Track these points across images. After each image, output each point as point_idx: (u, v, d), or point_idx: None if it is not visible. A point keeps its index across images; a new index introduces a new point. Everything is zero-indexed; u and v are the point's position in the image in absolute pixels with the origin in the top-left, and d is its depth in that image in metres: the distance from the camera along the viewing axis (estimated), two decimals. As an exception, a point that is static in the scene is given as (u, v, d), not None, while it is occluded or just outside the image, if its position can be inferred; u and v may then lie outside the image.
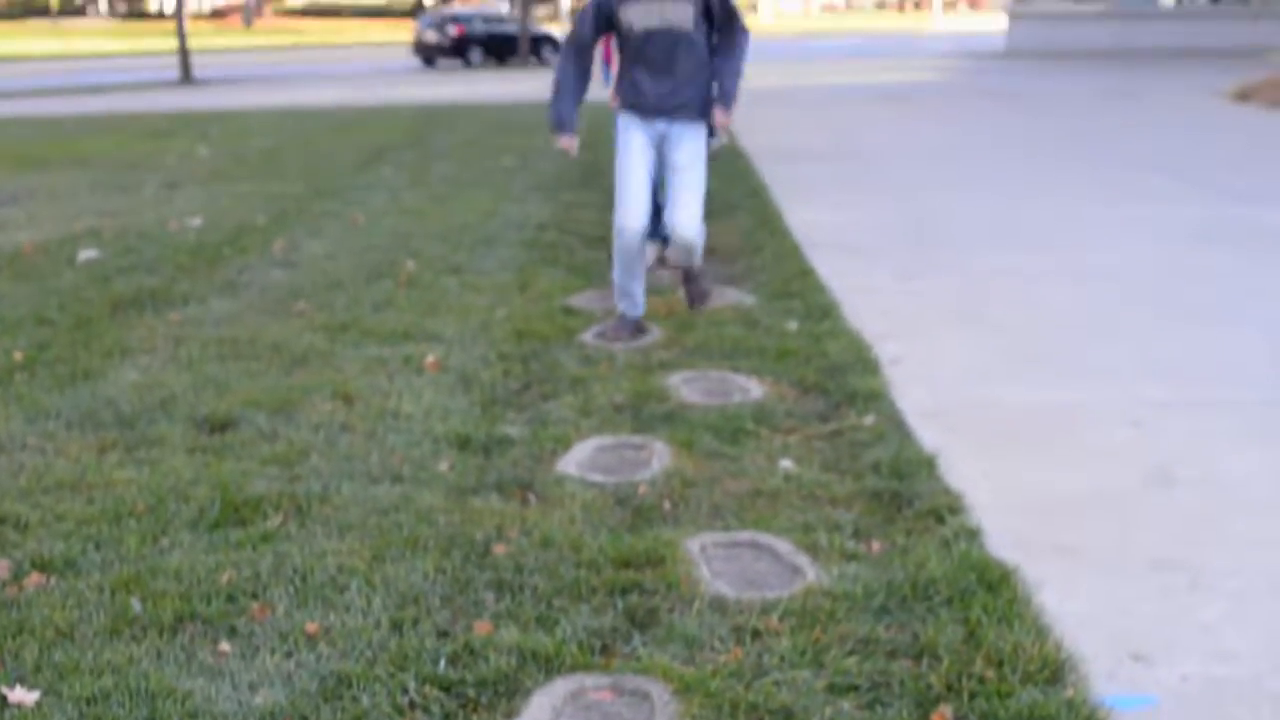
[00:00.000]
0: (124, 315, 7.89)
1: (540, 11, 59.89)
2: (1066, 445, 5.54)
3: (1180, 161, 14.31)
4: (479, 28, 42.65)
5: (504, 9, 48.74)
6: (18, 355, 6.97)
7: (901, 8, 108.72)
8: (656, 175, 7.57)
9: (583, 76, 7.13)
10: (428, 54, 42.89)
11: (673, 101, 7.11)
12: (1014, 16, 40.71)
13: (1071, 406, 6.02)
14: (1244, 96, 21.40)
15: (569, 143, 7.19)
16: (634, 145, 7.20)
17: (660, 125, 7.17)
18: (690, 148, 7.17)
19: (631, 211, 7.18)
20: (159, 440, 5.64)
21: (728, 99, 7.14)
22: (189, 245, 10.01)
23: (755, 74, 6.24)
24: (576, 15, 7.20)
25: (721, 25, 7.14)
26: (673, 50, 7.03)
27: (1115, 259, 9.13)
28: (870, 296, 8.12)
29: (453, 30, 42.42)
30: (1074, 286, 8.38)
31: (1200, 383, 6.37)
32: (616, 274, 7.36)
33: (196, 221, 11.12)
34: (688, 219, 7.19)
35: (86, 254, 9.68)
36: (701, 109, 7.18)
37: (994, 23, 55.84)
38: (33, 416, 5.99)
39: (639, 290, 7.37)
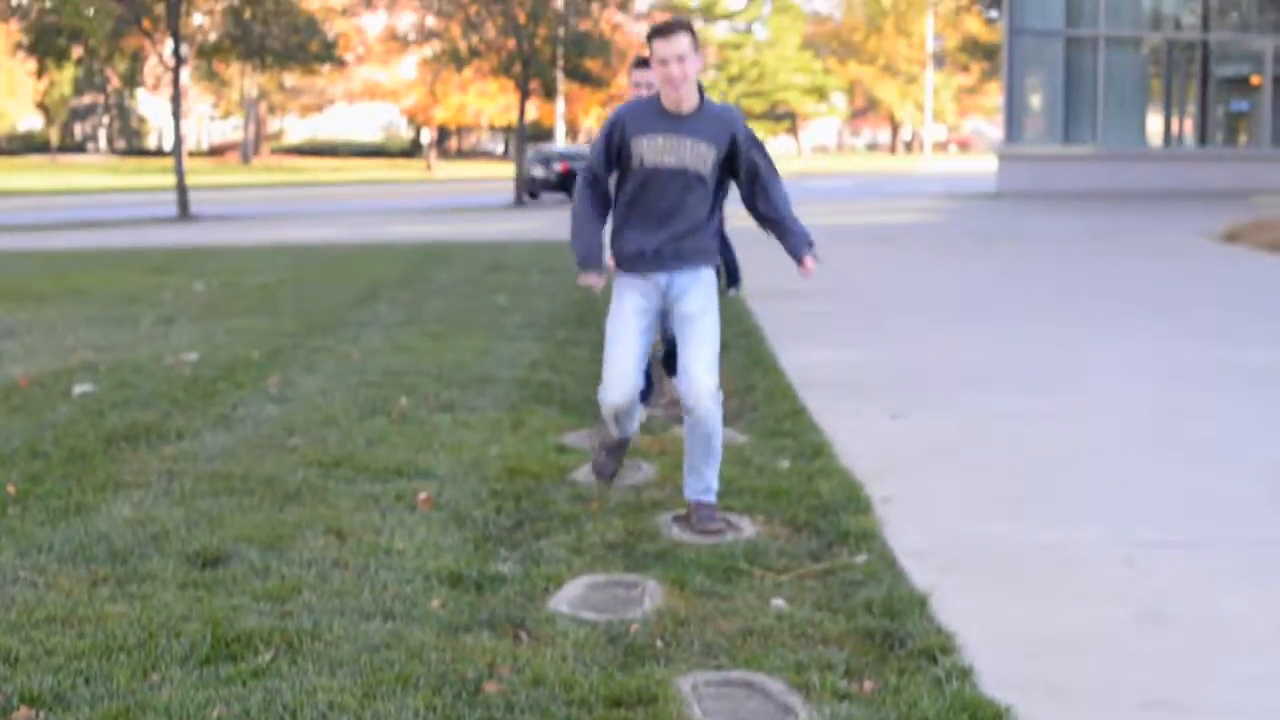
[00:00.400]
0: (118, 449, 7.90)
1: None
2: (1059, 584, 5.55)
3: (1173, 302, 14.43)
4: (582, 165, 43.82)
5: (498, 149, 49.45)
6: (11, 488, 6.97)
7: (893, 149, 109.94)
8: (654, 339, 6.79)
9: (603, 203, 6.48)
10: (533, 188, 44.20)
11: (674, 250, 6.31)
12: (1003, 158, 41.15)
13: (1064, 545, 6.03)
14: (1232, 238, 21.61)
15: (596, 280, 6.43)
16: (628, 309, 6.40)
17: (661, 279, 6.37)
18: (698, 295, 6.37)
19: (618, 386, 6.39)
20: (151, 575, 5.64)
21: (807, 245, 6.45)
22: (184, 380, 10.04)
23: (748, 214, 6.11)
24: (591, 145, 6.55)
25: (752, 175, 6.36)
26: (681, 195, 6.26)
27: (1110, 398, 9.18)
28: (863, 435, 8.15)
29: (558, 166, 43.66)
30: (1067, 425, 8.41)
31: (1194, 521, 6.40)
32: (607, 423, 6.67)
33: (192, 356, 11.16)
34: (701, 373, 6.27)
35: (81, 388, 9.71)
36: (708, 255, 6.46)
37: (984, 164, 56.44)
38: (25, 550, 5.98)
39: (633, 427, 6.74)
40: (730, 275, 14.72)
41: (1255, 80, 41.96)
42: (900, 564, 5.73)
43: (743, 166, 6.34)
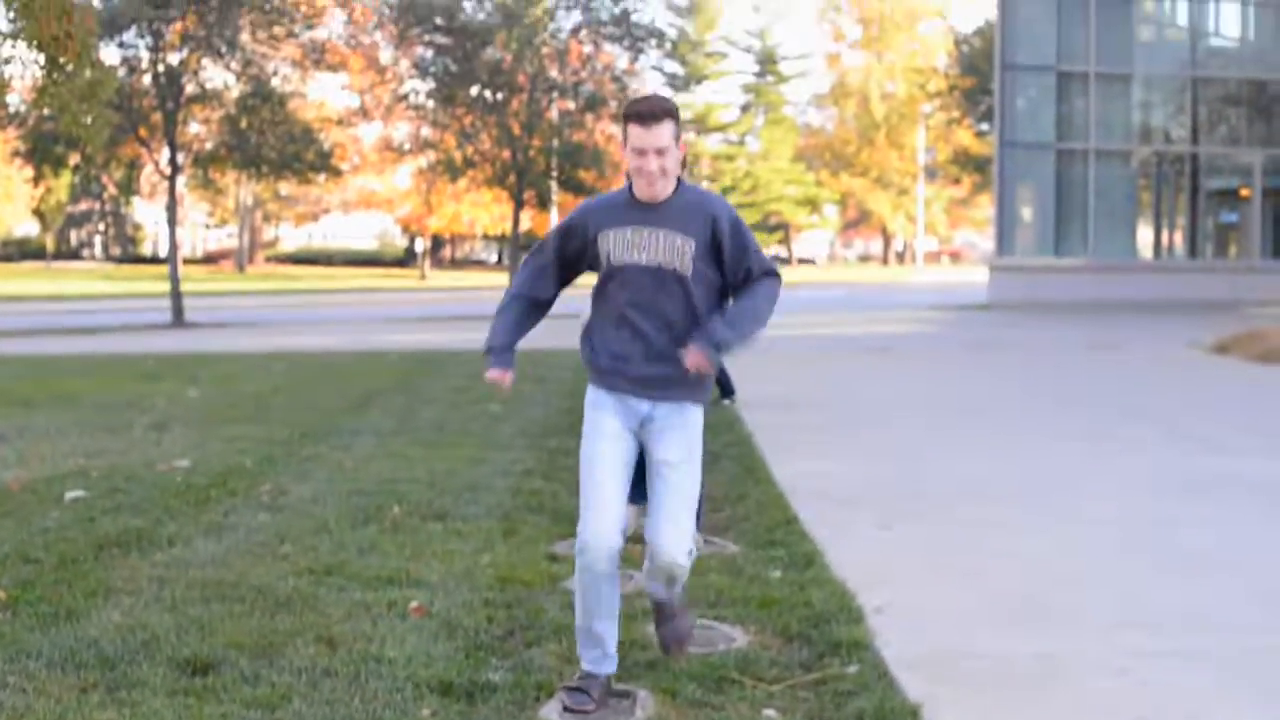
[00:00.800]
0: (109, 556, 7.88)
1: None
2: (1052, 694, 5.53)
3: (1167, 413, 14.49)
4: None
5: (491, 258, 49.53)
6: (1, 593, 6.95)
7: (885, 261, 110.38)
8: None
9: (536, 307, 5.67)
10: None
11: (659, 372, 5.40)
12: (995, 269, 41.41)
13: (1056, 655, 6.02)
14: (1223, 349, 21.72)
15: (496, 375, 5.57)
16: (605, 433, 5.46)
17: (643, 407, 5.44)
18: (681, 440, 5.45)
19: (600, 523, 5.37)
20: (140, 682, 5.61)
21: (717, 335, 5.33)
22: (176, 487, 10.03)
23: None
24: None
25: (734, 268, 5.44)
26: (655, 297, 5.36)
27: (1104, 508, 9.19)
28: (855, 545, 8.14)
29: None
30: (1060, 535, 8.42)
31: (1188, 632, 6.39)
32: (577, 611, 5.56)
33: (184, 463, 11.16)
34: (673, 537, 5.39)
35: (73, 494, 9.70)
36: (698, 390, 5.52)
37: (975, 275, 56.76)
38: (14, 655, 5.96)
39: (609, 632, 5.54)
40: (724, 387, 14.80)
41: (1244, 192, 42.33)
42: (892, 674, 5.71)
43: (728, 262, 5.44)
